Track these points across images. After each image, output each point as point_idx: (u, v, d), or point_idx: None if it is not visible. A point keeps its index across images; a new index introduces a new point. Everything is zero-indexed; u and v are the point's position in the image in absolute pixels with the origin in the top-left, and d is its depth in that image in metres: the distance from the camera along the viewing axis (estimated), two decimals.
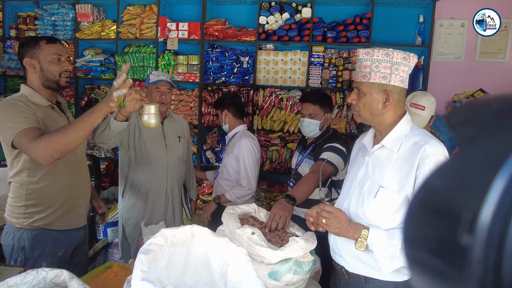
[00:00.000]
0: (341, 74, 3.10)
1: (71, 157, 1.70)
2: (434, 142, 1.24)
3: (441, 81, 3.19)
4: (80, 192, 1.81)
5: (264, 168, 3.28)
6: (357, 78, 1.33)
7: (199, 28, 3.27)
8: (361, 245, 1.25)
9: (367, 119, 1.35)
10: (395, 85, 1.27)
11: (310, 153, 2.22)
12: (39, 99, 1.65)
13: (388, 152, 1.32)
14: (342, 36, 3.05)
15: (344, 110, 3.13)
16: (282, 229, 1.47)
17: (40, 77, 1.66)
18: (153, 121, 1.67)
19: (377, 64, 1.26)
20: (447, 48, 3.17)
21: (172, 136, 2.28)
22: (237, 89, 3.28)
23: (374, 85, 1.28)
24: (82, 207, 1.84)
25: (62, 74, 1.68)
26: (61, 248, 1.72)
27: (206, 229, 1.11)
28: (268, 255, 1.19)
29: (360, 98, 1.32)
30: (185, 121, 2.49)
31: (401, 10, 3.18)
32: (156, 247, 1.00)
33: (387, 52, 1.25)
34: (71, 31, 3.56)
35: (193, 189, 2.59)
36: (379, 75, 1.27)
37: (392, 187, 1.27)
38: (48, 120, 1.64)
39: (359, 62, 1.32)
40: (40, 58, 1.65)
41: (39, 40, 1.67)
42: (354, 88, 1.36)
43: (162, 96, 2.18)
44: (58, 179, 1.68)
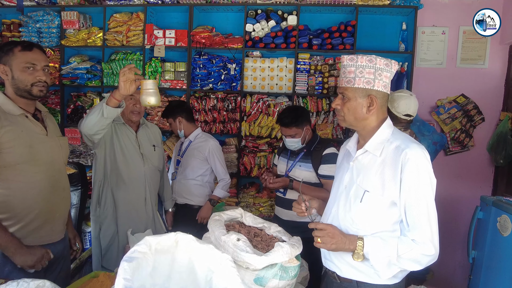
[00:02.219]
0: (327, 81, 3.15)
1: (47, 169, 1.62)
2: (415, 146, 1.27)
3: (425, 87, 3.27)
4: (57, 206, 1.68)
5: (252, 174, 3.29)
6: (341, 84, 1.36)
7: (186, 35, 3.29)
8: (358, 256, 1.27)
9: (352, 123, 1.37)
10: (379, 90, 1.31)
11: (303, 157, 2.28)
12: (11, 107, 1.56)
13: (371, 156, 1.35)
14: (327, 43, 3.11)
15: (330, 116, 3.17)
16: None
17: (12, 85, 1.57)
18: (152, 98, 1.57)
19: (361, 70, 1.30)
20: (430, 54, 3.25)
21: (146, 145, 2.20)
22: (224, 96, 3.30)
23: (359, 90, 1.31)
24: (58, 221, 1.71)
25: (35, 84, 1.57)
26: None
27: (191, 236, 1.11)
28: (253, 261, 1.19)
29: (345, 103, 1.35)
30: (157, 128, 2.41)
31: (385, 18, 3.25)
32: (140, 254, 1.00)
33: (370, 59, 1.29)
34: (56, 38, 3.53)
35: (168, 199, 2.53)
36: (363, 80, 1.30)
37: (377, 191, 1.29)
38: (18, 129, 1.54)
39: (344, 68, 1.34)
40: (12, 65, 1.56)
41: (14, 46, 1.57)
42: (339, 94, 1.38)
43: (136, 104, 2.09)
44: (31, 191, 1.57)
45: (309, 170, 2.24)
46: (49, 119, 1.76)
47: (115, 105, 1.67)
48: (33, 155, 1.56)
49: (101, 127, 1.75)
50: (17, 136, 1.52)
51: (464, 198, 3.17)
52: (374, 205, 1.30)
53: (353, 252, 1.27)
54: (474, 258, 2.20)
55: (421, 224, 1.23)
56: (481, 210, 2.19)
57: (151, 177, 2.19)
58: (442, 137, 3.11)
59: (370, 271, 1.32)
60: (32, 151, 1.56)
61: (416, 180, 1.23)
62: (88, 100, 3.58)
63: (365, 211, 1.31)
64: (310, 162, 2.25)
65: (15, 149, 1.51)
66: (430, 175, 1.26)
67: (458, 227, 3.13)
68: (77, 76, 3.49)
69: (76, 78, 3.49)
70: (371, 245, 1.25)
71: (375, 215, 1.31)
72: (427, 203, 1.24)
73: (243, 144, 3.29)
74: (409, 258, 1.23)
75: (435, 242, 1.23)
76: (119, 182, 2.09)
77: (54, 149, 1.68)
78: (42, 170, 1.60)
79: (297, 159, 2.30)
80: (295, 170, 2.29)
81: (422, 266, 1.26)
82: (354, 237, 1.29)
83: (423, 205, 1.23)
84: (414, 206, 1.24)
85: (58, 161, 1.71)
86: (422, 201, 1.24)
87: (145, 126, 2.27)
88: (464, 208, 3.08)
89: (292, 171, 2.30)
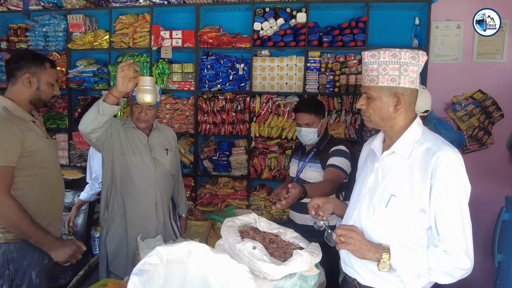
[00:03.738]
0: (338, 79, 3.06)
1: (54, 170, 1.75)
2: (448, 148, 1.17)
3: (439, 83, 3.16)
4: (61, 203, 1.85)
5: (262, 176, 3.21)
6: (364, 83, 1.27)
7: (193, 36, 3.23)
8: (384, 266, 1.17)
9: (379, 124, 1.29)
10: (405, 87, 1.21)
11: (313, 157, 2.21)
12: (22, 114, 1.66)
13: (398, 158, 1.26)
14: (338, 40, 3.02)
15: (342, 115, 3.08)
16: None
17: (33, 94, 1.69)
18: (148, 96, 1.52)
19: (384, 67, 1.20)
20: (444, 49, 3.14)
21: (158, 149, 2.14)
22: (233, 96, 3.23)
23: (383, 89, 1.22)
24: (57, 219, 1.83)
25: (53, 98, 1.77)
26: (46, 256, 1.69)
27: (204, 245, 1.04)
28: (271, 271, 1.11)
29: (369, 103, 1.26)
30: (172, 131, 2.33)
31: (397, 13, 3.16)
32: (150, 266, 0.93)
33: (394, 53, 1.19)
34: (63, 42, 3.50)
35: (182, 204, 2.44)
36: (387, 78, 1.20)
37: (405, 196, 1.20)
38: (34, 134, 1.64)
39: (365, 66, 1.25)
40: (41, 78, 1.69)
41: (44, 60, 1.72)
42: (363, 93, 1.29)
43: (141, 112, 2.01)
44: (43, 191, 1.68)
45: (318, 171, 2.17)
46: (41, 123, 1.85)
47: (113, 102, 1.63)
48: (45, 158, 1.69)
49: (97, 125, 1.71)
50: (35, 141, 1.63)
51: (483, 198, 3.04)
52: (400, 210, 1.21)
53: (379, 261, 1.18)
54: (500, 262, 2.09)
55: (454, 235, 1.13)
56: (506, 211, 2.08)
57: (162, 181, 2.13)
58: (459, 135, 3.00)
59: (395, 279, 1.24)
60: (45, 155, 1.69)
61: (449, 187, 1.14)
62: None
63: (390, 217, 1.23)
64: (319, 162, 2.17)
65: (33, 154, 1.62)
66: (464, 181, 1.16)
67: (478, 229, 2.97)
68: (84, 79, 3.45)
69: (83, 81, 3.46)
70: (399, 256, 1.16)
71: (401, 221, 1.22)
72: (461, 212, 1.14)
73: (253, 146, 3.22)
74: (441, 271, 1.15)
75: (470, 254, 1.13)
76: (129, 187, 2.04)
77: (55, 151, 1.83)
78: (50, 171, 1.71)
79: (307, 160, 2.23)
80: (305, 171, 2.22)
81: (455, 279, 1.17)
82: (380, 246, 1.20)
83: (456, 214, 1.14)
84: (447, 215, 1.14)
85: (58, 163, 1.84)
86: (455, 210, 1.14)
87: (158, 130, 2.20)
88: (484, 208, 2.96)
89: (303, 172, 2.22)
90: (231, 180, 3.32)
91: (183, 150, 3.35)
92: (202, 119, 3.29)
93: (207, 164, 3.32)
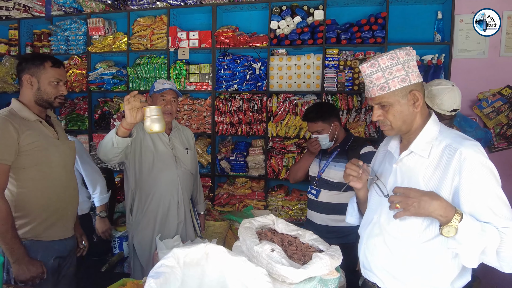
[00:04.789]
0: (358, 76, 2.98)
1: (60, 170, 1.75)
2: (469, 143, 1.14)
3: (464, 79, 3.03)
4: (69, 204, 1.82)
5: (280, 176, 3.18)
6: (373, 94, 1.22)
7: (210, 36, 3.23)
8: (450, 230, 1.06)
9: (402, 129, 1.24)
10: (416, 82, 1.20)
11: (338, 157, 2.17)
12: (27, 114, 1.68)
13: (418, 158, 1.22)
14: (357, 37, 2.95)
15: (362, 114, 3.01)
16: None
17: (35, 95, 1.71)
18: (157, 125, 1.53)
19: (389, 71, 1.18)
20: (469, 44, 3.01)
21: (179, 148, 2.18)
22: (250, 96, 3.21)
23: (397, 92, 1.19)
24: (70, 218, 1.84)
25: (57, 97, 1.74)
26: (51, 256, 1.72)
27: (222, 247, 1.02)
28: (290, 275, 1.08)
29: (387, 111, 1.22)
30: (190, 131, 2.38)
31: (418, 8, 3.05)
32: (167, 269, 0.91)
33: (391, 56, 1.19)
34: (83, 45, 3.58)
35: (201, 202, 2.47)
36: (397, 80, 1.18)
37: None
38: (35, 134, 1.66)
39: (369, 77, 1.22)
40: (41, 78, 1.70)
41: (44, 60, 1.71)
42: (374, 105, 1.25)
43: (167, 105, 2.07)
44: (46, 191, 1.69)
45: None
46: (57, 124, 1.88)
47: (124, 134, 1.66)
48: (48, 158, 1.70)
49: (114, 155, 1.74)
50: (35, 140, 1.65)
51: None
52: None
53: (445, 223, 1.06)
54: None
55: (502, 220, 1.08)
56: None
57: (184, 180, 2.16)
58: (486, 133, 2.87)
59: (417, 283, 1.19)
60: (47, 154, 1.70)
61: (479, 180, 1.09)
62: (115, 105, 3.60)
63: (413, 219, 1.18)
64: (346, 161, 2.10)
65: (33, 152, 1.64)
66: (493, 170, 1.11)
67: None
68: (104, 81, 3.51)
69: (103, 83, 3.52)
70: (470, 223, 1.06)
71: (424, 223, 1.17)
72: (499, 197, 1.09)
73: (270, 146, 3.19)
74: None
75: None
76: (152, 187, 2.07)
77: (65, 151, 1.81)
78: (55, 171, 1.73)
79: (330, 159, 2.18)
80: (329, 170, 2.17)
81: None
82: (450, 205, 1.09)
83: (495, 201, 1.09)
84: (485, 206, 1.08)
85: (68, 162, 1.84)
86: (492, 198, 1.09)
87: (177, 129, 2.25)
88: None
89: (326, 171, 2.17)
90: (248, 180, 3.30)
91: (200, 151, 3.35)
92: (219, 120, 3.28)
93: (224, 165, 3.31)
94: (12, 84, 3.76)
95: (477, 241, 1.05)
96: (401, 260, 1.23)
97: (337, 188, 2.11)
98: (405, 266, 1.22)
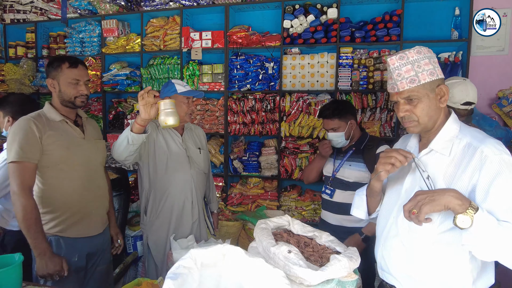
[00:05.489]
0: (372, 75, 2.94)
1: (83, 169, 1.79)
2: (490, 141, 1.11)
3: (483, 77, 2.95)
4: (92, 203, 1.84)
5: (293, 176, 3.15)
6: (402, 87, 1.18)
7: (223, 36, 3.23)
8: (465, 220, 1.01)
9: (427, 125, 1.21)
10: (442, 77, 1.20)
11: (353, 156, 2.13)
12: (53, 115, 1.76)
13: (438, 156, 1.20)
14: (371, 35, 2.90)
15: (377, 113, 2.96)
16: None
17: (58, 96, 1.79)
18: (170, 118, 1.53)
19: (418, 64, 1.17)
20: (488, 41, 2.93)
21: (192, 148, 2.18)
22: (262, 96, 3.19)
23: (427, 85, 1.17)
24: (95, 217, 1.86)
25: (77, 97, 1.78)
26: (74, 254, 1.76)
27: (239, 248, 1.00)
28: (307, 277, 1.06)
29: (416, 106, 1.18)
30: (201, 130, 2.38)
31: (434, 4, 2.99)
32: (184, 270, 0.91)
33: (418, 50, 1.18)
34: (97, 47, 3.62)
35: (214, 201, 2.47)
36: (426, 74, 1.16)
37: None
38: (58, 134, 1.73)
39: (397, 70, 1.18)
40: (60, 80, 1.76)
41: (61, 62, 1.77)
42: (400, 100, 1.20)
43: (190, 107, 2.10)
44: (68, 189, 1.74)
45: (361, 170, 2.08)
46: (90, 124, 1.94)
47: (139, 131, 1.67)
48: (70, 156, 1.74)
49: (129, 153, 1.75)
50: (57, 139, 1.71)
51: None
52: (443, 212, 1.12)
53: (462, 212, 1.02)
54: None
55: None
56: None
57: (197, 180, 2.16)
58: (506, 131, 2.78)
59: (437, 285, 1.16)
60: (69, 153, 1.74)
61: (500, 178, 1.06)
62: (128, 105, 3.63)
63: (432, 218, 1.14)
64: (362, 161, 2.08)
65: (55, 151, 1.70)
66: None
67: None
68: (117, 82, 3.55)
69: (117, 84, 3.56)
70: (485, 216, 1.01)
71: (443, 223, 1.14)
72: None
73: (283, 146, 3.17)
74: None
75: None
76: (167, 188, 2.06)
77: (90, 151, 1.84)
78: (78, 169, 1.76)
79: (345, 158, 2.15)
80: (343, 170, 2.13)
81: None
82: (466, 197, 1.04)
83: None
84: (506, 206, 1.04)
85: (94, 162, 1.86)
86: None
87: (190, 129, 2.25)
88: None
89: (341, 170, 2.14)
90: (261, 180, 3.28)
91: (213, 151, 3.35)
92: (232, 120, 3.28)
93: (237, 165, 3.31)
94: (30, 86, 3.83)
95: (493, 234, 1.01)
96: (419, 261, 1.20)
97: (352, 188, 2.07)
98: (424, 267, 1.19)
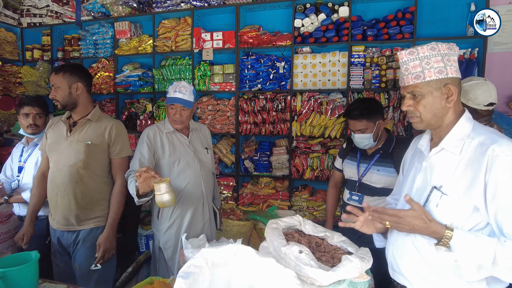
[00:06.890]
0: (385, 74, 2.90)
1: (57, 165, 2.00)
2: (504, 141, 1.09)
3: (500, 74, 2.87)
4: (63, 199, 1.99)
5: (304, 176, 3.14)
6: (407, 82, 1.20)
7: (234, 37, 3.24)
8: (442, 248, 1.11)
9: (431, 122, 1.21)
10: (453, 77, 1.17)
11: (380, 160, 2.01)
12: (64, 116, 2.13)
13: (449, 155, 1.19)
14: (383, 33, 2.86)
15: (390, 112, 2.92)
16: None
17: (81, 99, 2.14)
18: (166, 199, 1.58)
19: (427, 61, 1.16)
20: (506, 37, 2.85)
21: (200, 149, 2.19)
22: (273, 96, 3.19)
23: (432, 83, 1.16)
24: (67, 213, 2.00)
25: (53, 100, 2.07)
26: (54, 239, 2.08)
27: (250, 248, 1.00)
28: (319, 277, 1.06)
29: (418, 102, 1.19)
30: (206, 128, 2.39)
31: (448, 0, 2.92)
32: (196, 269, 0.91)
33: (432, 46, 1.16)
34: (110, 49, 3.68)
35: (217, 198, 2.47)
36: (433, 71, 1.15)
37: (456, 194, 1.12)
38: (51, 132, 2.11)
39: (405, 65, 1.20)
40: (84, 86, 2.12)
41: None
42: (406, 94, 1.22)
43: (175, 114, 2.06)
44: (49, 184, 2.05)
45: (391, 175, 1.95)
46: (88, 126, 2.03)
47: (143, 195, 1.74)
48: (53, 155, 2.02)
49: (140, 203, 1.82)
50: (49, 137, 2.07)
51: None
52: (452, 210, 1.12)
53: (439, 239, 1.10)
54: None
55: None
56: None
57: (207, 181, 2.18)
58: None
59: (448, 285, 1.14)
60: (54, 151, 2.01)
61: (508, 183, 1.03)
62: (141, 106, 3.68)
63: (441, 217, 1.14)
64: (392, 165, 1.96)
65: (49, 146, 2.04)
66: None
67: None
68: (130, 83, 3.60)
69: (129, 85, 3.61)
70: (462, 239, 1.06)
71: (453, 221, 1.13)
72: None
73: (294, 145, 3.15)
74: (509, 267, 1.02)
75: None
76: (178, 192, 2.06)
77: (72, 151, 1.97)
78: (52, 166, 2.03)
79: (371, 162, 2.02)
80: (371, 175, 2.02)
81: None
82: (441, 226, 1.11)
83: None
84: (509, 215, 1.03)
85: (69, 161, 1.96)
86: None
87: (195, 130, 2.25)
88: None
89: (368, 175, 2.03)
90: (272, 180, 3.28)
91: (224, 151, 3.36)
92: (243, 119, 3.28)
93: (248, 164, 3.31)
94: (45, 88, 3.92)
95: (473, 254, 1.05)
96: (430, 260, 1.19)
97: (379, 194, 1.99)
98: (434, 267, 1.18)
